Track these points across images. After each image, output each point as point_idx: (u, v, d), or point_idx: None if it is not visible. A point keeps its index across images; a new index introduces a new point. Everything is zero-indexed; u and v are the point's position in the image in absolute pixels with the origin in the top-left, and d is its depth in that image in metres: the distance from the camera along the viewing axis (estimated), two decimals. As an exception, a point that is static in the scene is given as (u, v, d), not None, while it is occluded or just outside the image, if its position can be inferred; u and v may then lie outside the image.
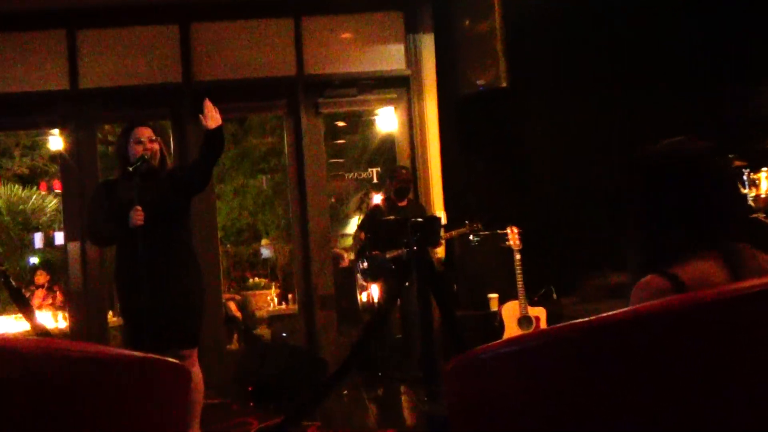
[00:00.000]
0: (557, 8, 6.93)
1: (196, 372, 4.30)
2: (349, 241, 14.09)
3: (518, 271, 6.16)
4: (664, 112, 6.40)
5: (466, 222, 6.71)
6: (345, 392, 6.33)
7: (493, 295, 6.88)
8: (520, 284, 6.15)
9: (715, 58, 6.89)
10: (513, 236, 6.27)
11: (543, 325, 6.18)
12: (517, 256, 6.18)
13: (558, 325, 1.59)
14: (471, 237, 6.95)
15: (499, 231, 6.70)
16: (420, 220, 5.60)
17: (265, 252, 15.21)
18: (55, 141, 9.18)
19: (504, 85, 6.99)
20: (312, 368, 6.39)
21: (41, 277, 10.58)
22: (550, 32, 7.15)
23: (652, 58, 7.06)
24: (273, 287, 12.82)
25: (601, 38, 7.07)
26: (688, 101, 6.59)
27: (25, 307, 4.51)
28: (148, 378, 1.73)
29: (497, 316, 6.36)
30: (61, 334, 8.19)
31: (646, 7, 6.94)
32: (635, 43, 7.01)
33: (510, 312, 6.24)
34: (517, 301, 6.19)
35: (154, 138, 4.34)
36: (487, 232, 6.92)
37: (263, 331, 10.83)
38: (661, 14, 6.97)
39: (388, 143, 9.98)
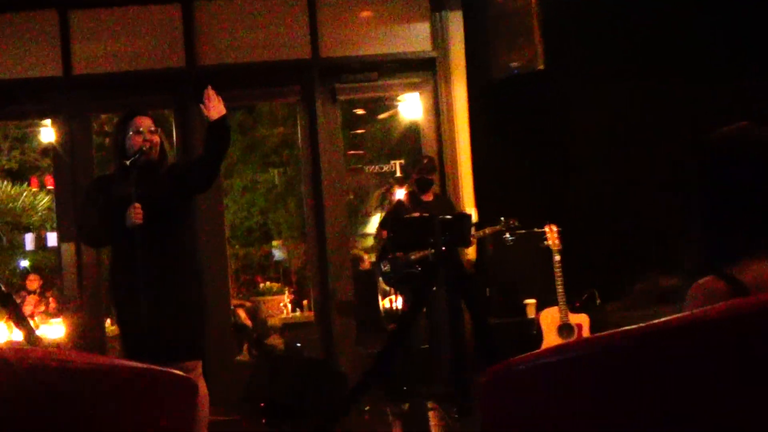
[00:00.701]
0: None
1: (201, 386, 4.32)
2: (370, 242, 14.10)
3: (558, 274, 6.13)
4: (720, 99, 6.34)
5: (501, 219, 6.68)
6: (366, 408, 6.34)
7: (530, 301, 6.86)
8: (560, 288, 6.13)
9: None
10: (552, 235, 6.24)
11: (586, 333, 6.16)
12: (557, 258, 6.16)
13: (603, 333, 1.58)
14: (506, 236, 6.93)
15: (536, 229, 6.68)
16: (448, 217, 5.59)
17: (278, 254, 15.26)
18: (47, 132, 9.26)
19: (540, 67, 6.96)
20: (330, 382, 6.40)
21: (33, 282, 10.67)
22: (590, 8, 7.11)
23: (705, 37, 7.00)
24: (286, 292, 12.86)
25: (647, 15, 7.01)
26: (739, 88, 6.52)
27: (17, 315, 4.54)
28: (151, 391, 1.74)
29: (535, 323, 6.34)
30: (56, 344, 8.25)
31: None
32: (685, 20, 6.95)
33: (549, 319, 6.22)
34: (556, 307, 6.17)
35: (154, 129, 4.36)
36: (523, 231, 6.90)
37: (276, 341, 10.85)
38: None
39: (413, 133, 9.98)
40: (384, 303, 9.92)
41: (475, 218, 7.04)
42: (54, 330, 9.18)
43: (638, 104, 6.92)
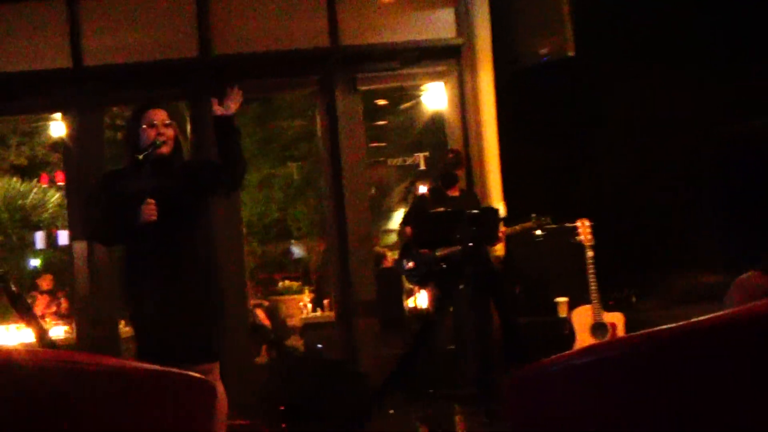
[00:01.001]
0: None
1: (219, 389, 4.34)
2: (393, 238, 14.10)
3: (591, 271, 6.10)
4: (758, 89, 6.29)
5: (533, 216, 6.66)
6: (390, 412, 6.34)
7: (562, 299, 6.84)
8: (593, 286, 6.10)
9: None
10: (584, 230, 6.21)
11: (620, 332, 6.12)
12: (590, 253, 6.13)
13: (639, 332, 1.57)
14: (536, 233, 6.92)
15: (567, 224, 6.65)
16: (476, 212, 5.58)
17: (297, 251, 15.29)
18: (57, 127, 9.33)
19: (570, 54, 6.93)
20: (352, 384, 6.40)
21: (45, 282, 10.72)
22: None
23: (743, 25, 6.94)
24: (306, 291, 12.87)
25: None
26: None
27: (28, 316, 4.58)
28: (168, 394, 1.75)
29: (567, 323, 6.32)
30: (68, 346, 8.32)
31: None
32: (723, 4, 6.89)
33: (581, 318, 6.19)
34: (589, 306, 6.14)
35: (168, 122, 4.37)
36: (553, 226, 6.88)
37: (295, 342, 10.88)
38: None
39: (437, 124, 9.96)
40: (408, 302, 9.91)
41: (503, 213, 7.02)
42: (66, 331, 9.25)
43: (673, 92, 6.86)
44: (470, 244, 5.06)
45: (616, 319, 6.20)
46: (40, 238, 13.33)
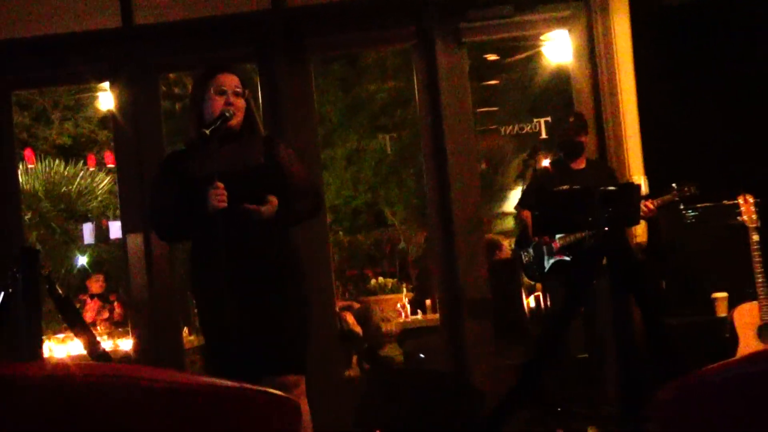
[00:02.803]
0: None
1: (303, 407, 4.39)
2: (510, 223, 14.06)
3: (756, 260, 6.01)
4: None
5: (673, 186, 6.55)
6: (510, 435, 6.35)
7: (720, 295, 6.77)
8: (759, 278, 6.01)
9: None
10: (747, 208, 6.12)
11: (795, 336, 6.04)
12: (755, 237, 6.04)
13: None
14: (683, 211, 6.82)
15: (725, 201, 6.56)
16: (611, 188, 5.52)
17: (392, 241, 15.36)
18: (105, 98, 9.55)
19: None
20: (462, 402, 6.42)
21: (96, 284, 10.97)
22: None
23: None
24: (404, 290, 12.94)
25: None
26: None
27: (77, 323, 4.72)
28: (245, 416, 1.78)
29: (727, 323, 6.24)
30: (124, 359, 8.53)
31: None
32: None
33: (746, 317, 6.11)
34: (755, 303, 6.07)
35: (240, 90, 4.40)
36: (707, 204, 6.77)
37: (393, 351, 10.96)
38: None
39: (561, 83, 9.87)
40: (529, 301, 9.87)
41: (644, 189, 6.94)
42: (121, 341, 9.48)
43: None
44: (605, 228, 4.99)
45: (789, 318, 6.12)
46: (88, 232, 13.59)
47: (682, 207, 6.83)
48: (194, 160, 4.35)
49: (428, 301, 11.53)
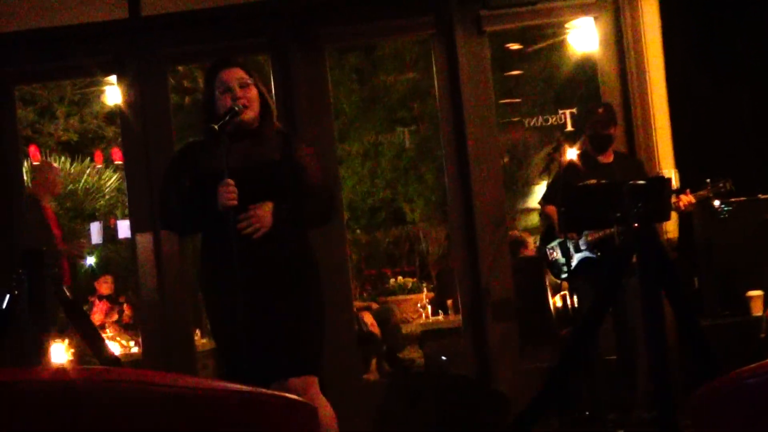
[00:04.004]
0: None
1: (323, 406, 4.39)
2: (535, 219, 14.03)
3: (794, 256, 6.01)
4: None
5: (707, 181, 6.54)
6: (537, 441, 6.35)
7: (756, 293, 6.78)
8: (797, 276, 6.01)
9: None
10: (784, 203, 6.11)
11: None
12: (792, 233, 6.03)
13: None
14: (717, 206, 6.80)
15: (760, 195, 6.54)
16: (641, 183, 5.50)
17: (411, 239, 15.36)
18: (112, 92, 9.56)
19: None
20: (486, 408, 6.42)
21: (105, 285, 11.00)
22: None
23: None
24: (424, 290, 12.94)
25: None
26: None
27: (85, 326, 4.74)
28: (260, 421, 1.78)
29: (763, 323, 6.23)
30: (133, 362, 8.55)
31: None
32: None
33: (783, 317, 6.11)
34: (793, 302, 6.06)
35: (248, 81, 4.41)
36: (741, 198, 6.76)
37: (413, 354, 10.97)
38: None
39: (587, 72, 9.85)
40: (555, 301, 9.85)
41: (675, 183, 6.92)
42: (130, 344, 9.51)
43: None
44: (635, 224, 4.97)
45: (828, 318, 6.12)
46: (95, 231, 13.59)
47: (717, 202, 6.80)
48: (207, 156, 4.37)
49: (449, 302, 11.52)
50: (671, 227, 7.15)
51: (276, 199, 4.33)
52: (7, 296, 4.63)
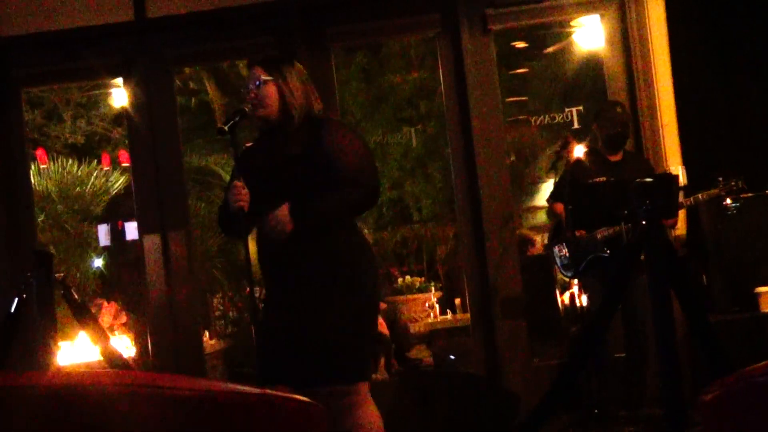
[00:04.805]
0: None
1: (370, 413, 4.38)
2: (542, 217, 14.02)
3: (803, 252, 5.99)
4: None
5: (720, 180, 6.54)
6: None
7: (764, 289, 6.78)
8: (806, 272, 6.00)
9: None
10: (793, 199, 6.10)
11: None
12: (801, 229, 6.02)
13: None
14: (726, 203, 6.79)
15: (768, 191, 6.55)
16: (649, 180, 5.49)
17: (418, 238, 15.35)
18: (119, 95, 9.56)
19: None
20: (496, 406, 6.41)
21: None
22: None
23: None
24: (432, 289, 12.94)
25: None
26: None
27: (93, 329, 4.74)
28: (270, 421, 1.78)
29: (773, 320, 6.24)
30: (141, 364, 8.55)
31: None
32: None
33: (793, 314, 6.10)
34: (803, 298, 6.05)
35: (265, 79, 4.36)
36: (750, 194, 6.74)
37: (421, 353, 10.97)
38: None
39: (594, 70, 9.84)
40: (563, 299, 9.85)
41: (682, 180, 6.91)
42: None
43: None
44: (643, 221, 4.96)
45: (838, 314, 6.11)
46: (104, 233, 13.61)
47: (729, 200, 6.79)
48: (247, 158, 4.40)
49: (458, 301, 11.55)
50: (680, 224, 7.14)
51: (295, 198, 4.24)
52: (16, 299, 4.64)
